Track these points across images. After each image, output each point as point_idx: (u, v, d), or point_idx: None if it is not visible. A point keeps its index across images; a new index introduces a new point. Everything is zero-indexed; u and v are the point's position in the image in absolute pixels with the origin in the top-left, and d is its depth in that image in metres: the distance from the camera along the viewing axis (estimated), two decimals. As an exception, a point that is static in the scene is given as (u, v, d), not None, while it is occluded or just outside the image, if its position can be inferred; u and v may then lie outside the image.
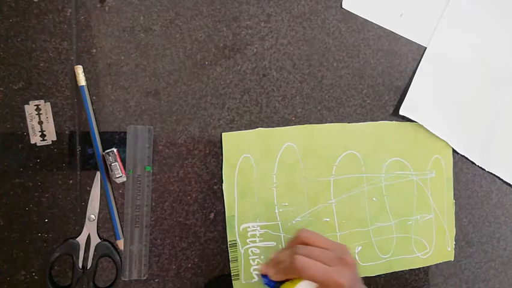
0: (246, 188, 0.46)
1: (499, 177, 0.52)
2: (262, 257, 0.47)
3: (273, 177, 0.47)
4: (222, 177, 0.46)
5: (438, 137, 0.50)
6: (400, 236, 0.49)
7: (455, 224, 0.51)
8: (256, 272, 0.46)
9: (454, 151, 0.51)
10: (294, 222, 0.47)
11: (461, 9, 0.50)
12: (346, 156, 0.48)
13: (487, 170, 0.52)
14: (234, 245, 0.46)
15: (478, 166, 0.51)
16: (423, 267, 0.50)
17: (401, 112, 0.49)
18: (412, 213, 0.50)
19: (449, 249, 0.51)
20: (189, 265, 0.46)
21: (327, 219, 0.48)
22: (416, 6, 0.50)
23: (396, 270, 0.49)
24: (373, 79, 0.49)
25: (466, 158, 0.51)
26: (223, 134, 0.46)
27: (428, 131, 0.50)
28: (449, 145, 0.50)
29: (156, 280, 0.46)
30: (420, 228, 0.50)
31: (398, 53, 0.50)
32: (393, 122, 0.49)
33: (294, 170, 0.47)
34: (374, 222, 0.49)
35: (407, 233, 0.50)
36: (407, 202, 0.50)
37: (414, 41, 0.50)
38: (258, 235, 0.47)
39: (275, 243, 0.47)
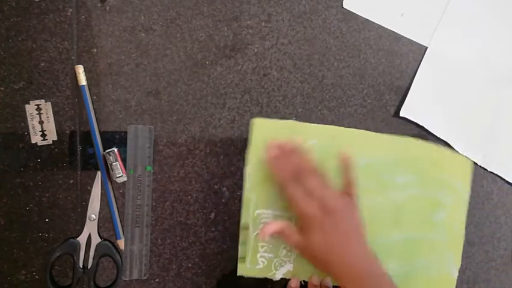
0: (266, 175, 0.46)
1: (500, 177, 0.52)
2: (270, 246, 0.46)
3: None
4: (244, 160, 0.46)
5: (460, 162, 0.49)
6: (407, 254, 0.48)
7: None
8: (263, 259, 0.46)
9: (454, 150, 0.51)
10: None
11: (462, 9, 0.50)
12: (366, 164, 0.47)
13: (488, 169, 0.51)
14: (246, 227, 0.46)
15: (479, 166, 0.51)
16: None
17: (402, 113, 0.49)
18: (423, 234, 0.48)
19: (452, 278, 0.49)
20: (190, 265, 0.46)
21: None
22: (417, 6, 0.50)
23: None
24: (374, 79, 0.49)
25: (467, 158, 0.51)
26: (255, 119, 0.46)
27: (450, 153, 0.49)
28: (469, 173, 0.50)
29: (157, 280, 0.46)
30: (429, 250, 0.49)
31: (399, 52, 0.50)
32: (418, 140, 0.49)
33: None
34: (383, 235, 0.48)
35: (415, 253, 0.48)
36: (420, 222, 0.48)
37: (415, 40, 0.50)
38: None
39: None
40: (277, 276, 0.47)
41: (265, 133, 0.46)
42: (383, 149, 0.48)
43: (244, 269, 0.46)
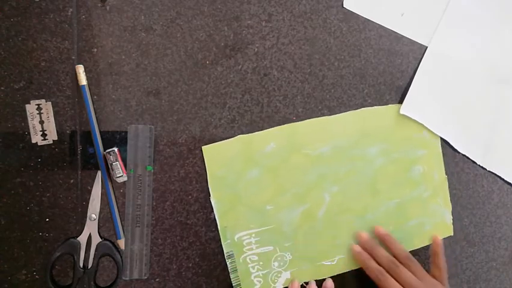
0: (234, 197, 0.46)
1: (500, 177, 0.52)
2: (261, 263, 0.46)
3: (261, 181, 0.46)
4: (209, 190, 0.46)
5: None
6: (397, 219, 0.49)
7: (451, 200, 0.51)
8: (258, 279, 0.46)
9: (454, 150, 0.51)
10: (287, 223, 0.47)
11: (462, 8, 0.50)
12: (331, 149, 0.48)
13: (488, 169, 0.51)
14: (231, 255, 0.46)
15: (479, 166, 0.51)
16: (424, 267, 0.50)
17: (402, 111, 0.49)
18: (406, 195, 0.49)
19: (448, 223, 0.50)
20: (190, 264, 0.46)
21: (321, 215, 0.48)
22: (417, 5, 0.50)
23: None
24: (374, 79, 0.49)
25: (467, 158, 0.51)
26: (203, 147, 0.45)
27: None
28: None
29: (157, 280, 0.46)
30: (417, 207, 0.49)
31: (400, 52, 0.50)
32: (374, 107, 0.49)
33: (281, 171, 0.47)
34: (369, 210, 0.48)
35: (404, 215, 0.49)
36: (400, 184, 0.49)
37: (415, 40, 0.50)
38: (253, 242, 0.46)
39: (272, 248, 0.47)
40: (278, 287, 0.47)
41: (219, 157, 0.46)
42: (342, 128, 0.48)
43: None
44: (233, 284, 0.46)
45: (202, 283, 0.46)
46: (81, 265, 0.44)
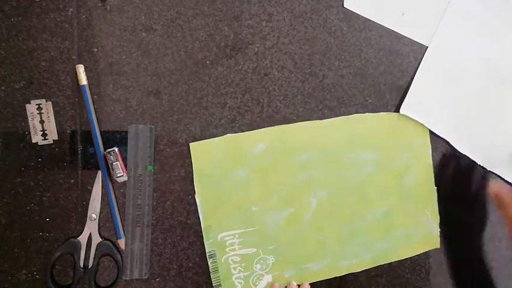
0: (220, 196, 0.45)
1: (500, 177, 0.52)
2: (243, 264, 0.46)
3: (247, 182, 0.46)
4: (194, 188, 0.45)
5: (415, 124, 0.49)
6: (384, 228, 0.49)
7: (439, 210, 0.50)
8: (239, 280, 0.46)
9: (455, 150, 0.51)
10: (272, 225, 0.46)
11: (463, 8, 0.50)
12: (320, 153, 0.47)
13: (488, 169, 0.51)
14: (213, 255, 0.46)
15: (480, 166, 0.51)
16: (425, 268, 0.50)
17: (402, 111, 0.49)
18: (394, 204, 0.49)
19: (435, 235, 0.50)
20: (190, 264, 0.46)
21: (306, 220, 0.47)
22: (417, 5, 0.50)
23: (382, 263, 0.49)
24: (375, 78, 0.49)
25: (468, 158, 0.51)
26: (191, 144, 0.45)
27: (402, 120, 0.49)
28: (426, 131, 0.49)
29: (157, 279, 0.46)
30: (404, 217, 0.49)
31: (400, 52, 0.50)
32: (366, 114, 0.49)
33: (268, 173, 0.46)
34: (355, 218, 0.48)
35: (391, 224, 0.49)
36: (388, 193, 0.49)
37: (416, 40, 0.50)
38: (237, 243, 0.46)
39: (255, 249, 0.46)
40: None
41: (206, 155, 0.45)
42: (334, 133, 0.48)
43: None
44: (213, 285, 0.46)
45: (202, 283, 0.46)
46: (81, 265, 0.44)
